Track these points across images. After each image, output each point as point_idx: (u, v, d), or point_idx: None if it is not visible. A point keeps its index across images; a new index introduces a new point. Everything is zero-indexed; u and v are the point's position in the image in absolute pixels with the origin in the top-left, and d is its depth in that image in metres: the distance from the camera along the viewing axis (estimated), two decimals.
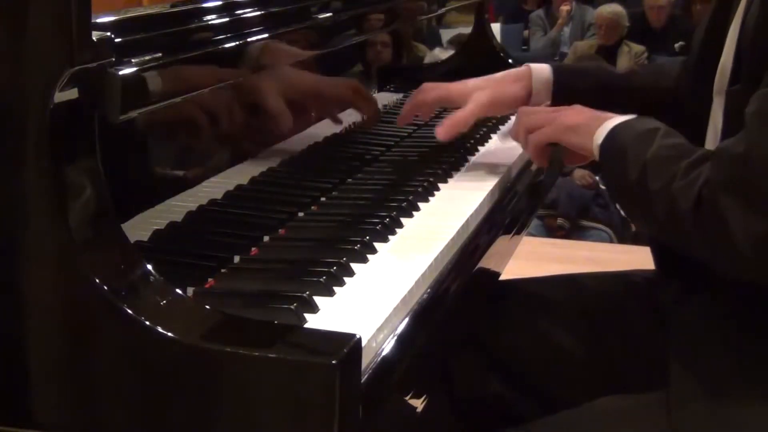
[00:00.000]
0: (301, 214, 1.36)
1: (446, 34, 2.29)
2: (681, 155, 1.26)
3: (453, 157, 1.65)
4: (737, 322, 1.30)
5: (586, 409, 1.35)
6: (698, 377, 1.29)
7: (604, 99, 1.50)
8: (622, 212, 1.42)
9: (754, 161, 1.15)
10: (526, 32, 8.71)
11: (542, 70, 1.66)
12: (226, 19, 1.25)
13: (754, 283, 1.23)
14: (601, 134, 1.39)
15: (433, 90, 1.68)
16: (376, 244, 1.25)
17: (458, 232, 1.33)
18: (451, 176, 1.58)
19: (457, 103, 1.64)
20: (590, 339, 1.55)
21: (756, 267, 1.19)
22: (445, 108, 1.81)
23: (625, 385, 1.42)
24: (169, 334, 0.89)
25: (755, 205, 1.14)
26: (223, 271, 1.15)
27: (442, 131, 1.60)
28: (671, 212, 1.23)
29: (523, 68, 1.68)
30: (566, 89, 1.61)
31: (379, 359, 1.00)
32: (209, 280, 1.12)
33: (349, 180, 1.54)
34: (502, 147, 1.77)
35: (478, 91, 1.62)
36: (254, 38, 1.29)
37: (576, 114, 1.46)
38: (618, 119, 1.39)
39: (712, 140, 1.38)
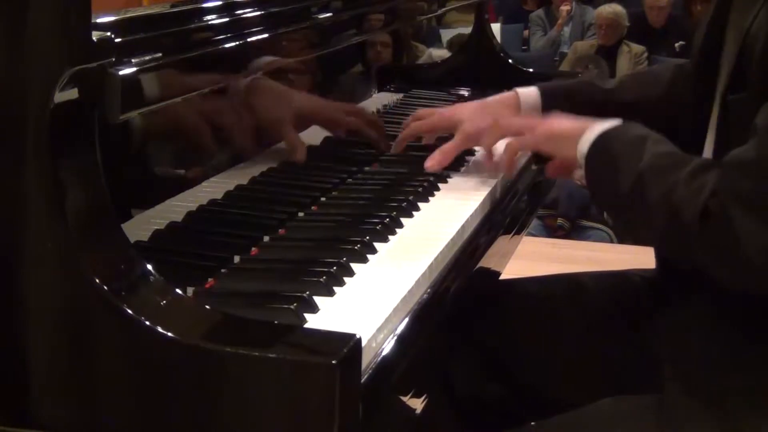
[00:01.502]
0: (301, 214, 1.36)
1: (446, 34, 2.30)
2: (677, 164, 1.24)
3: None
4: (731, 323, 1.30)
5: (585, 411, 1.35)
6: (691, 380, 1.28)
7: (594, 116, 1.47)
8: (611, 221, 1.40)
9: (767, 174, 1.14)
10: (526, 32, 8.70)
11: (529, 94, 1.65)
12: (226, 19, 1.25)
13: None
14: (586, 142, 1.36)
15: (426, 117, 1.68)
16: (376, 244, 1.25)
17: (458, 232, 1.33)
18: (450, 176, 1.58)
19: (447, 131, 1.63)
20: (590, 339, 1.55)
21: (764, 278, 1.18)
22: None
23: (626, 385, 1.42)
24: (169, 334, 0.89)
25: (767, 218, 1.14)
26: (223, 271, 1.15)
27: (432, 163, 1.58)
28: (673, 223, 1.21)
29: (510, 94, 1.66)
30: (555, 110, 1.60)
31: (379, 359, 1.01)
32: (209, 280, 1.12)
33: (349, 180, 1.54)
34: (501, 147, 1.77)
35: (466, 122, 1.60)
36: (254, 38, 1.29)
37: (558, 122, 1.45)
38: (603, 126, 1.37)
39: (710, 146, 1.38)
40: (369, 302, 1.08)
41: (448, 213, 1.41)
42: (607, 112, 1.47)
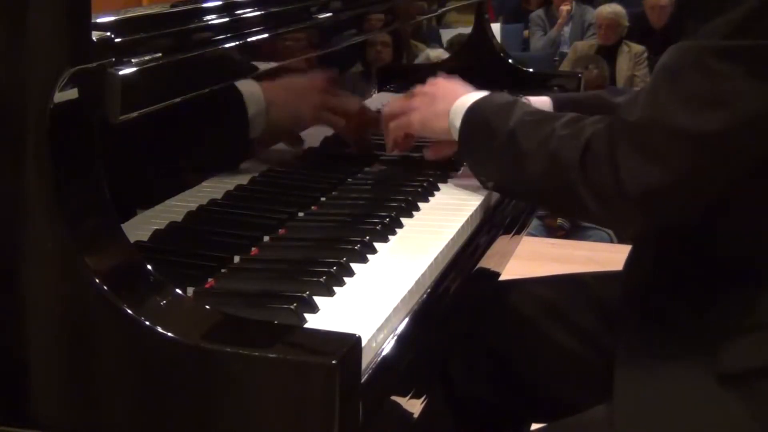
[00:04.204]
0: (301, 214, 1.36)
1: (446, 34, 2.29)
2: (548, 118, 1.32)
3: (453, 157, 1.65)
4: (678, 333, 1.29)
5: (585, 414, 1.35)
6: (643, 391, 1.27)
7: None
8: (484, 186, 1.42)
9: (657, 119, 1.17)
10: (526, 32, 8.70)
11: (542, 102, 1.67)
12: (226, 19, 1.25)
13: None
14: (457, 113, 1.44)
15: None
16: (376, 244, 1.25)
17: (458, 232, 1.33)
18: (451, 176, 1.58)
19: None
20: (590, 339, 1.55)
21: (638, 216, 1.23)
22: None
23: None
24: (169, 334, 0.89)
25: (653, 158, 1.17)
26: (223, 271, 1.15)
27: (431, 153, 1.62)
28: (552, 165, 1.26)
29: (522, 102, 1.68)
30: None
31: (379, 359, 1.01)
32: (209, 280, 1.12)
33: (349, 180, 1.54)
34: None
35: None
36: (254, 38, 1.29)
37: (426, 106, 1.53)
38: (472, 97, 1.45)
39: None
40: (369, 302, 1.08)
41: (448, 213, 1.41)
42: None
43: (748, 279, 1.24)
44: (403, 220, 1.35)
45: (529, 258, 2.83)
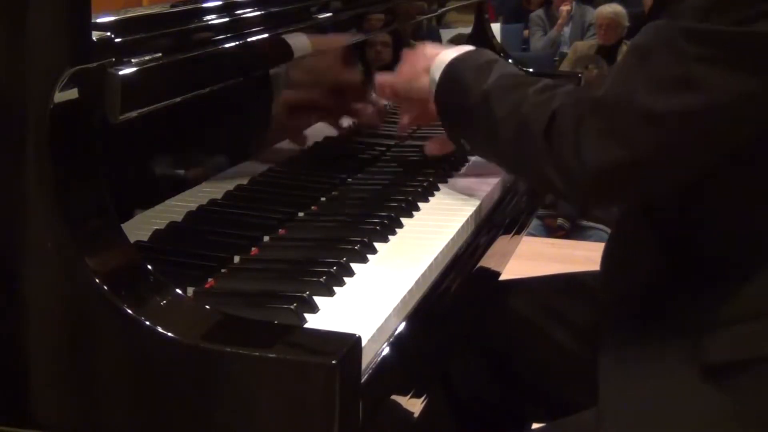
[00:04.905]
0: (301, 214, 1.36)
1: (446, 34, 2.29)
2: (523, 83, 1.31)
3: (453, 156, 1.65)
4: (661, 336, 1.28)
5: (586, 414, 1.34)
6: (627, 388, 1.27)
7: None
8: (457, 145, 1.44)
9: (622, 97, 1.16)
10: (526, 32, 8.70)
11: None
12: (226, 19, 1.25)
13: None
14: (436, 69, 1.44)
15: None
16: (376, 244, 1.25)
17: (458, 232, 1.33)
18: (451, 176, 1.58)
19: None
20: (591, 339, 1.55)
21: (597, 193, 1.23)
22: None
23: None
24: (169, 334, 0.89)
25: (615, 136, 1.16)
26: (223, 271, 1.15)
27: (432, 148, 1.63)
28: (521, 132, 1.26)
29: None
30: None
31: (379, 359, 1.01)
32: (209, 280, 1.12)
33: (349, 180, 1.54)
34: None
35: None
36: (254, 38, 1.29)
37: (410, 65, 1.54)
38: (451, 53, 1.44)
39: None
40: (369, 302, 1.08)
41: (448, 213, 1.41)
42: None
43: (729, 272, 1.23)
44: (403, 220, 1.35)
45: (529, 258, 2.83)
